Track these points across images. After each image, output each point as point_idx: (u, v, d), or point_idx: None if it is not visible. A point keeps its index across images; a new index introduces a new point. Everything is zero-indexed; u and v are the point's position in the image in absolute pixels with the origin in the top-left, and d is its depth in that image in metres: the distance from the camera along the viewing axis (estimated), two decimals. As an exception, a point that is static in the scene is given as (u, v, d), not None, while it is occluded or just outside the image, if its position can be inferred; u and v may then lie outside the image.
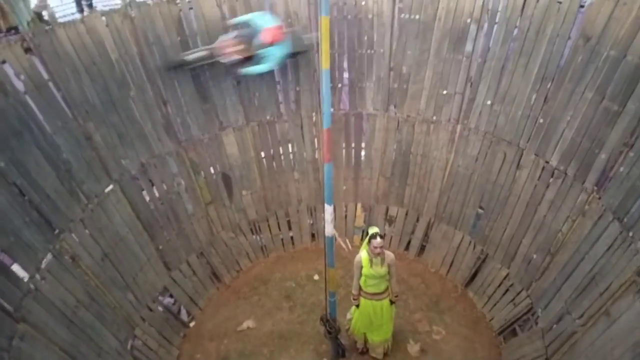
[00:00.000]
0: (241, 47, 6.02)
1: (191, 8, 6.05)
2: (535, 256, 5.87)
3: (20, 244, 4.13)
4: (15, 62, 4.46)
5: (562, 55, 5.43)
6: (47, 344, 4.07)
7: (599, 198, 4.96)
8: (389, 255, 5.23)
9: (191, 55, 6.04)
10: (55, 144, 4.81)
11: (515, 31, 5.81)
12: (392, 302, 5.51)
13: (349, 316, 5.97)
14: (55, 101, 4.90)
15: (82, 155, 5.19)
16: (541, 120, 5.73)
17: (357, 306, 5.55)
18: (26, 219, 4.26)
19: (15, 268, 4.13)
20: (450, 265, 7.09)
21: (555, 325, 5.24)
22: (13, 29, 7.95)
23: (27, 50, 4.63)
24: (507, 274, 6.30)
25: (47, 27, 4.84)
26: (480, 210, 6.74)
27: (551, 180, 5.66)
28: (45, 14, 5.48)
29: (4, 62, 4.37)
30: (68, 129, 5.01)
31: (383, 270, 5.17)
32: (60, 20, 5.35)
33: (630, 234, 4.37)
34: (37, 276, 4.23)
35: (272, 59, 6.12)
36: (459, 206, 6.94)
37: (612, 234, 4.61)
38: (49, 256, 4.46)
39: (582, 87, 5.16)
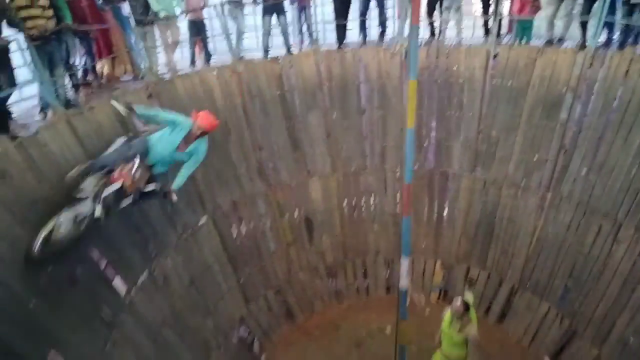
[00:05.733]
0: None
1: (292, 66, 6.71)
2: (632, 339, 5.32)
3: (123, 259, 4.77)
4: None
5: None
6: (134, 353, 4.57)
7: None
8: (472, 329, 4.86)
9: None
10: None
11: (616, 102, 5.58)
12: None
13: None
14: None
15: (184, 189, 5.84)
16: (642, 194, 5.35)
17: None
18: (130, 240, 4.91)
19: (116, 281, 4.73)
20: (534, 337, 6.62)
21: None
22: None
23: (149, 96, 5.49)
24: (598, 354, 5.76)
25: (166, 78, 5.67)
26: (569, 283, 6.29)
27: (653, 258, 5.20)
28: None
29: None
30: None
31: (458, 337, 4.91)
32: (180, 72, 6.26)
33: None
34: (133, 291, 4.82)
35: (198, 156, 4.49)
36: (546, 275, 6.55)
37: None
38: (145, 274, 5.06)
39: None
